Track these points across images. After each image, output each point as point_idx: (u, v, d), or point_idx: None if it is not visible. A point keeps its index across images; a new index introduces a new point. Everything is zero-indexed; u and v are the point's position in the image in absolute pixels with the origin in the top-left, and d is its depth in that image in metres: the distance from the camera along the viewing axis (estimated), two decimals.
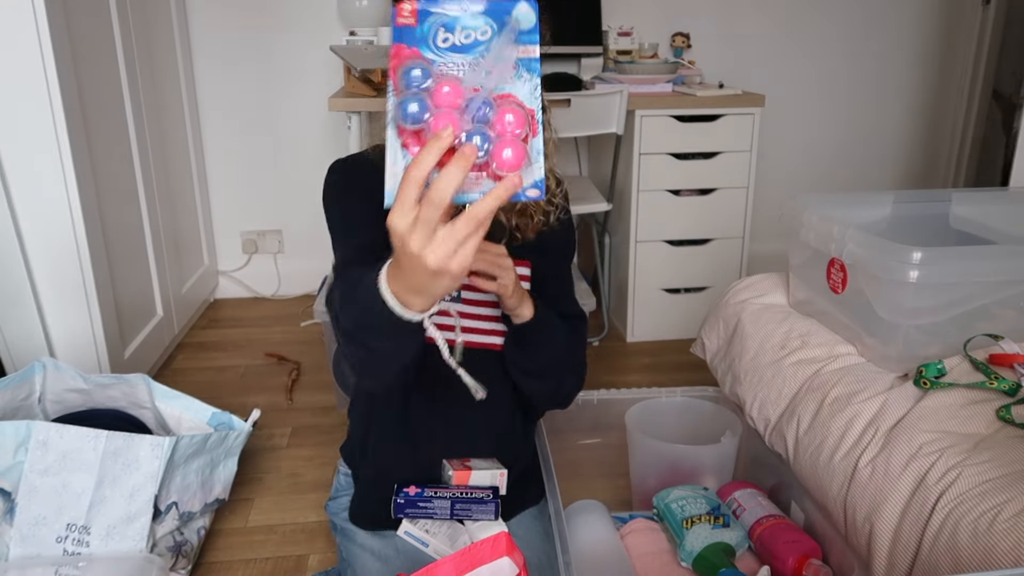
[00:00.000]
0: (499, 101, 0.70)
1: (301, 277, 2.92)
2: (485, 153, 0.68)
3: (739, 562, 1.23)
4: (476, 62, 0.70)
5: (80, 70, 1.83)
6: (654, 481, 1.40)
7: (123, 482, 1.33)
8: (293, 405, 2.15)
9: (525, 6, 0.71)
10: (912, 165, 3.22)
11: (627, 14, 2.79)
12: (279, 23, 2.69)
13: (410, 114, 0.67)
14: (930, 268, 1.17)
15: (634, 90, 2.36)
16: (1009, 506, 0.91)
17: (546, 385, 1.21)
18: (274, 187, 2.86)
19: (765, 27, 2.93)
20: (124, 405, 1.60)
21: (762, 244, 2.72)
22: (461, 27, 0.70)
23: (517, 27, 0.71)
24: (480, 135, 0.68)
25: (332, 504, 1.35)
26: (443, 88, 0.68)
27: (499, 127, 0.69)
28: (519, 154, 0.68)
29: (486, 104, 0.69)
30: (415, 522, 1.23)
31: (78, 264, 1.83)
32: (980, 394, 1.14)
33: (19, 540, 1.29)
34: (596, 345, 2.54)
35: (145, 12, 2.26)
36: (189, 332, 2.62)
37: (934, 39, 3.06)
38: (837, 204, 1.56)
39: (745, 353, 1.49)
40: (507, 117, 0.69)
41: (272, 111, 2.77)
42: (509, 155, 0.68)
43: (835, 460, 1.17)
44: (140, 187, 2.20)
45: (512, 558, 0.87)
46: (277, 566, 1.52)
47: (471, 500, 1.22)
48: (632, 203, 2.43)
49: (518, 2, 0.71)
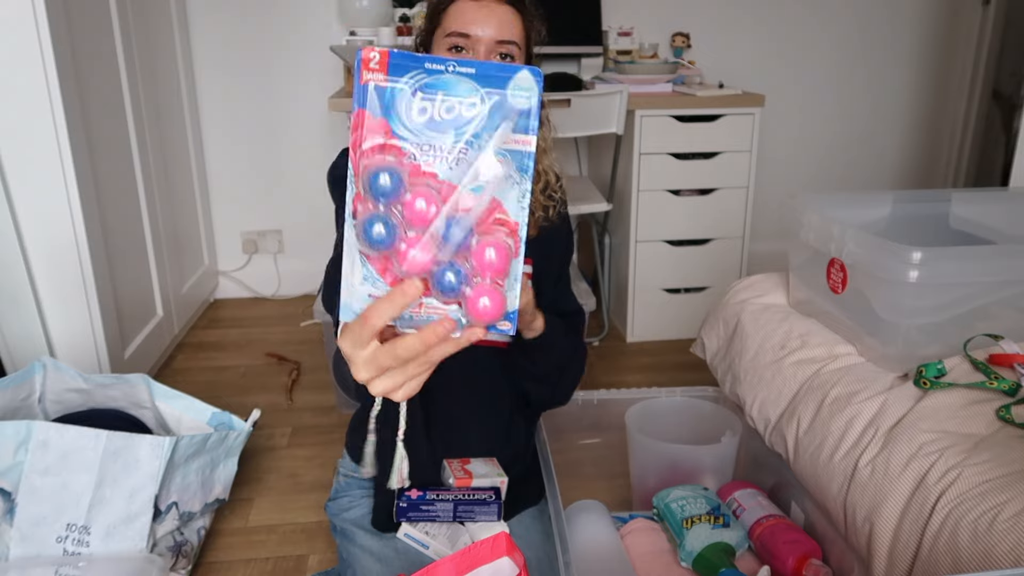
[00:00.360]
0: (481, 224, 0.58)
1: (301, 277, 2.92)
2: (454, 295, 0.58)
3: (739, 562, 1.23)
4: (460, 151, 0.57)
5: (80, 71, 1.83)
6: (654, 481, 1.40)
7: (123, 482, 1.33)
8: (293, 405, 2.15)
9: (526, 76, 0.57)
10: (912, 165, 3.22)
11: (627, 14, 2.79)
12: (279, 23, 2.69)
13: (376, 240, 0.57)
14: (930, 268, 1.17)
15: (634, 90, 2.36)
16: (1009, 506, 0.91)
17: (549, 387, 1.21)
18: (274, 187, 2.86)
19: (765, 27, 2.93)
20: (124, 405, 1.60)
21: (762, 244, 2.72)
22: (445, 94, 0.56)
23: (515, 107, 0.57)
24: (454, 273, 0.57)
25: (332, 505, 1.35)
26: (417, 202, 0.56)
27: (476, 262, 0.57)
28: (497, 306, 0.58)
29: (466, 230, 0.57)
30: (415, 524, 1.23)
31: (78, 264, 1.83)
32: (980, 394, 1.14)
33: (19, 540, 1.29)
34: (596, 345, 2.54)
35: (145, 13, 2.26)
36: (189, 332, 2.62)
37: (934, 39, 3.06)
38: (837, 204, 1.56)
39: (745, 353, 1.49)
40: (488, 255, 0.57)
41: (272, 111, 2.77)
42: (486, 305, 0.57)
43: (835, 460, 1.17)
44: (140, 187, 2.20)
45: (512, 558, 0.87)
46: (277, 566, 1.52)
47: (474, 502, 1.21)
48: (632, 203, 2.43)
49: (518, 69, 0.57)
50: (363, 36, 2.43)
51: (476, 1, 1.08)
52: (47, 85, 1.69)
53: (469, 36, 1.07)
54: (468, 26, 1.07)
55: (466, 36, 1.07)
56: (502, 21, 1.08)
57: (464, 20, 1.07)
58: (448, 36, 1.08)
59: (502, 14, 1.08)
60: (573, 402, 1.55)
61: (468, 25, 1.07)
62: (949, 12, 3.03)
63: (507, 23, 1.08)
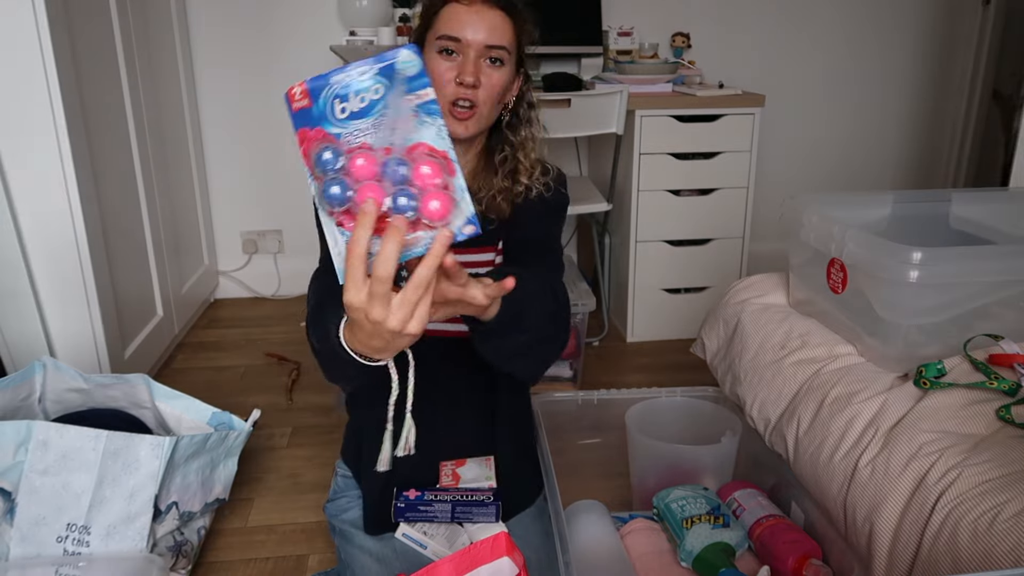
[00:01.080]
0: (412, 154, 0.72)
1: (301, 277, 2.91)
2: (414, 212, 0.71)
3: (739, 562, 1.23)
4: (379, 122, 0.71)
5: (80, 70, 1.83)
6: (654, 481, 1.40)
7: (123, 482, 1.33)
8: (293, 405, 2.15)
9: (405, 52, 0.72)
10: (912, 165, 3.22)
11: (627, 14, 2.79)
12: (279, 23, 2.69)
13: (334, 197, 0.70)
14: (930, 268, 1.17)
15: (634, 90, 2.36)
16: (1009, 506, 0.91)
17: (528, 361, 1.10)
18: (274, 187, 2.86)
19: (765, 27, 2.93)
20: (124, 405, 1.60)
21: (762, 244, 2.72)
22: (354, 92, 0.71)
23: (404, 76, 0.72)
24: (405, 195, 0.70)
25: (330, 506, 1.35)
26: (356, 161, 0.70)
27: (419, 182, 0.71)
28: (445, 203, 0.71)
29: (400, 163, 0.70)
30: (413, 524, 1.23)
31: (78, 264, 1.83)
32: (980, 394, 1.14)
33: (19, 540, 1.29)
34: (596, 345, 2.54)
35: (145, 12, 2.26)
36: (189, 332, 2.62)
37: (934, 39, 3.06)
38: (837, 204, 1.56)
39: (745, 353, 1.49)
40: (423, 170, 0.71)
41: (272, 111, 2.77)
42: (436, 206, 0.71)
43: (835, 460, 1.17)
44: (140, 187, 2.20)
45: (512, 558, 0.87)
46: (277, 566, 1.52)
47: (472, 503, 1.21)
48: (632, 203, 2.43)
49: (398, 52, 0.72)
50: (363, 36, 2.43)
51: (467, 5, 1.08)
52: (47, 85, 1.69)
53: (459, 40, 1.08)
54: (458, 30, 1.07)
55: (456, 40, 1.08)
56: (492, 26, 1.08)
57: (455, 24, 1.08)
58: (439, 39, 1.09)
59: (493, 18, 1.08)
60: (573, 402, 1.55)
61: (458, 29, 1.07)
62: (949, 12, 3.03)
63: (497, 28, 1.09)
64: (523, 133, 1.20)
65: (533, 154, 1.20)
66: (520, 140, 1.19)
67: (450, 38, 1.08)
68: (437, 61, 1.09)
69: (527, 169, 1.19)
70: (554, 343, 1.09)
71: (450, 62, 1.09)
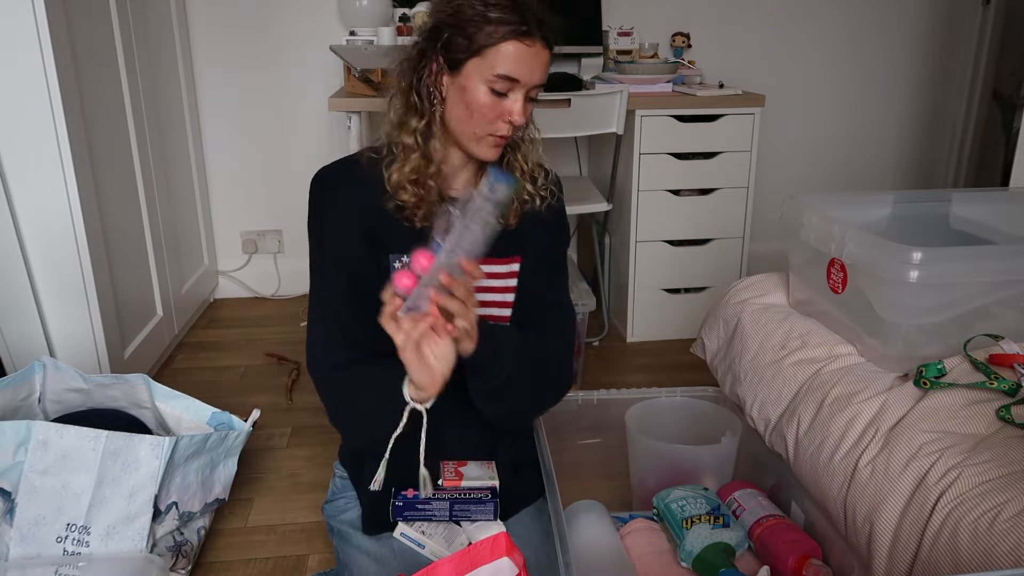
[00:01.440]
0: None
1: (301, 277, 2.90)
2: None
3: (739, 562, 1.23)
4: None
5: (80, 70, 1.82)
6: (654, 481, 1.40)
7: (123, 482, 1.33)
8: (293, 405, 2.15)
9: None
10: (912, 165, 3.22)
11: (627, 14, 2.79)
12: (279, 23, 2.69)
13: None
14: (930, 268, 1.17)
15: (634, 90, 2.36)
16: (1009, 506, 0.91)
17: (504, 403, 1.16)
18: (274, 187, 2.86)
19: (765, 27, 2.93)
20: (124, 405, 1.60)
21: (762, 244, 2.71)
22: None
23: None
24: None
25: (329, 507, 1.35)
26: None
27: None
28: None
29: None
30: (411, 524, 1.23)
31: (78, 264, 1.83)
32: (980, 394, 1.14)
33: (19, 540, 1.29)
34: (596, 345, 2.54)
35: (145, 12, 2.26)
36: (189, 332, 2.62)
37: (934, 39, 3.06)
38: (837, 204, 1.56)
39: (745, 353, 1.49)
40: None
41: (272, 111, 2.77)
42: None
43: (835, 460, 1.17)
44: (140, 187, 2.20)
45: (512, 558, 0.87)
46: (277, 566, 1.52)
47: (470, 500, 1.21)
48: (632, 203, 2.43)
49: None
50: (363, 36, 2.43)
51: (529, 47, 1.05)
52: (47, 85, 1.69)
53: (519, 81, 1.06)
54: (518, 71, 1.05)
55: (516, 81, 1.06)
56: (544, 64, 1.09)
57: (516, 65, 1.05)
58: (497, 77, 1.05)
59: (545, 58, 1.08)
60: (573, 402, 1.55)
61: (518, 70, 1.05)
62: (949, 12, 3.03)
63: (546, 65, 1.09)
64: (520, 133, 1.20)
65: (532, 154, 1.20)
66: (516, 141, 1.20)
67: (510, 79, 1.05)
68: (487, 95, 1.07)
69: (527, 172, 1.19)
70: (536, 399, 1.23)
71: (502, 100, 1.07)
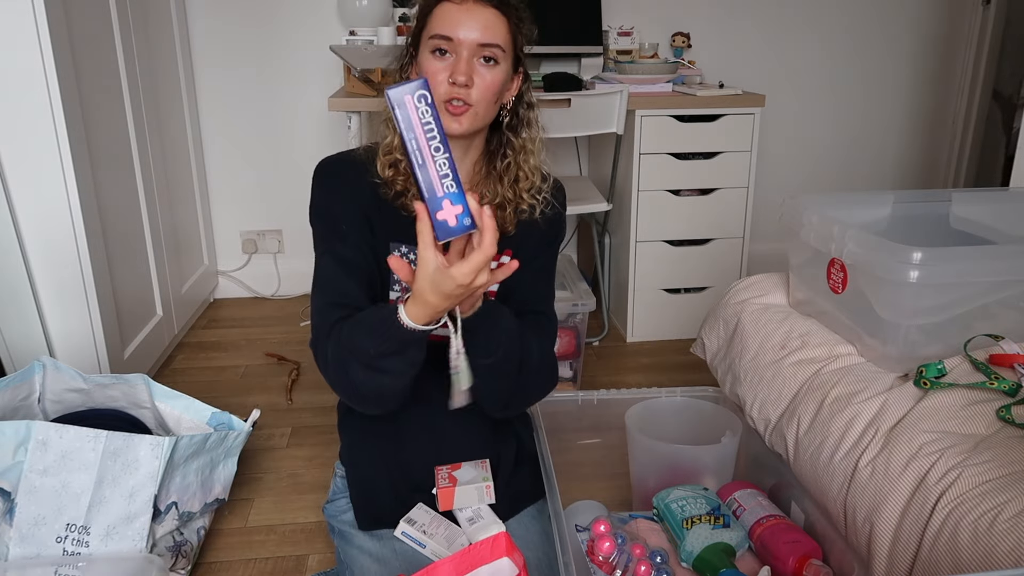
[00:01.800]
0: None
1: (301, 277, 2.92)
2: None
3: (739, 562, 1.23)
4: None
5: (80, 70, 1.82)
6: (654, 481, 1.40)
7: (123, 482, 1.33)
8: (293, 405, 2.15)
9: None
10: (912, 165, 3.22)
11: (627, 14, 2.79)
12: (279, 23, 2.69)
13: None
14: (930, 268, 1.17)
15: (634, 90, 2.36)
16: (1009, 506, 0.91)
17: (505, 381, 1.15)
18: (274, 187, 2.86)
19: (765, 27, 2.93)
20: (124, 405, 1.60)
21: (762, 244, 2.72)
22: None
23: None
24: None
25: (329, 507, 1.35)
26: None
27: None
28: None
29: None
30: (412, 523, 1.23)
31: (78, 264, 1.83)
32: (980, 394, 1.14)
33: (19, 540, 1.29)
34: (596, 345, 2.54)
35: (145, 12, 2.26)
36: (189, 332, 2.62)
37: (934, 39, 3.06)
38: (837, 204, 1.56)
39: (745, 353, 1.49)
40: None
41: (272, 111, 2.77)
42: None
43: (835, 460, 1.17)
44: (140, 187, 2.20)
45: (512, 558, 0.87)
46: (277, 566, 1.52)
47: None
48: (632, 203, 2.43)
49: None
50: (363, 36, 2.43)
51: (459, 4, 1.07)
52: (47, 85, 1.69)
53: (452, 39, 1.07)
54: (450, 29, 1.07)
55: (448, 39, 1.07)
56: (486, 24, 1.08)
57: (447, 23, 1.07)
58: (432, 38, 1.08)
59: (485, 17, 1.08)
60: (573, 402, 1.55)
61: (451, 28, 1.07)
62: (949, 12, 3.03)
63: (491, 26, 1.08)
64: (523, 135, 1.19)
65: (533, 159, 1.20)
66: (520, 143, 1.19)
67: (442, 37, 1.07)
68: (431, 61, 1.09)
69: (527, 176, 1.19)
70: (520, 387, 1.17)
71: (443, 62, 1.08)
